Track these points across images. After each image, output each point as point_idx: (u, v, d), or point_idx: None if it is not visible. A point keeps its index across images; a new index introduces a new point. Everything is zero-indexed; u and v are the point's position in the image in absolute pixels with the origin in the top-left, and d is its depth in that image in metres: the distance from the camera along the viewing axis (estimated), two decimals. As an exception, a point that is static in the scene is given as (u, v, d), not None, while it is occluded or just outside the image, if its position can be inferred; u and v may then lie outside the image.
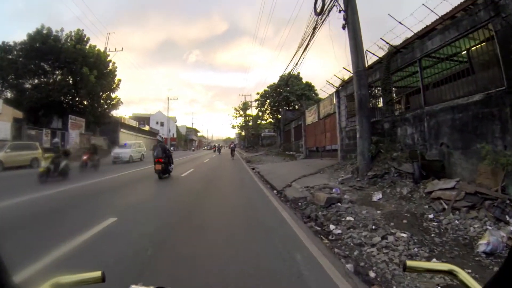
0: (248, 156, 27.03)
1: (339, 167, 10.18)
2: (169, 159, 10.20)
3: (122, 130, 43.88)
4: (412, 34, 7.59)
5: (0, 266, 0.44)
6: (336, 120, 11.69)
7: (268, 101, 27.30)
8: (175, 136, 62.71)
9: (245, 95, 41.95)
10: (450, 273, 0.62)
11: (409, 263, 0.65)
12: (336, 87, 12.03)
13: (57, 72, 25.22)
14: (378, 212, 4.68)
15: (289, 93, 25.09)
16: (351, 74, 8.82)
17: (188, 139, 76.24)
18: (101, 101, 28.56)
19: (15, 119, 20.64)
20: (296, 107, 26.31)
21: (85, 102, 27.24)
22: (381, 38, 8.30)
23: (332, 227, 4.14)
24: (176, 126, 65.39)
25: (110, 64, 29.11)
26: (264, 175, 10.93)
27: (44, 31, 24.69)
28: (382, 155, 7.45)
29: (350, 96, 10.75)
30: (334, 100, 12.40)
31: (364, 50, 8.24)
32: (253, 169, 13.94)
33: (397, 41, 8.16)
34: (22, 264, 2.61)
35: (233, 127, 43.25)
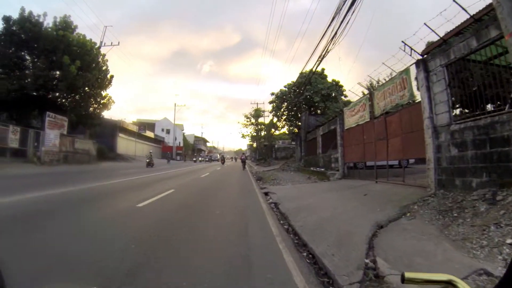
0: (259, 170, 21.67)
1: (451, 207, 4.75)
2: None
3: (120, 135, 39.82)
4: None
5: None
6: (424, 114, 6.33)
7: (285, 104, 22.27)
8: (181, 144, 58.37)
9: (257, 103, 37.06)
10: (449, 283, 0.62)
11: (408, 274, 0.64)
12: (419, 53, 6.77)
13: (35, 61, 21.26)
14: None
15: (312, 93, 19.97)
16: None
17: (196, 148, 71.88)
18: (87, 98, 24.31)
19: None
20: (318, 111, 21.04)
21: (66, 98, 22.98)
22: None
23: None
24: (183, 134, 61.19)
25: (101, 58, 25.08)
26: (287, 212, 5.64)
27: (25, 15, 20.90)
28: None
29: (456, 63, 5.52)
30: (413, 81, 7.11)
31: None
32: (266, 194, 8.67)
33: None
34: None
35: (243, 136, 38.27)
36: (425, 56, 6.64)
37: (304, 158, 18.27)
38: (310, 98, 20.13)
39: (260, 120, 38.06)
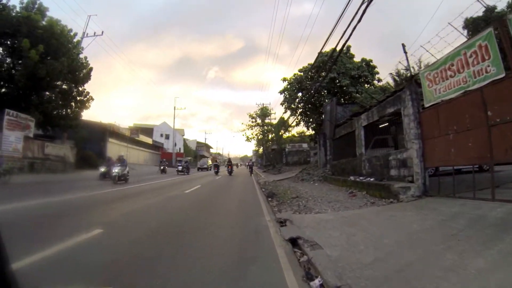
0: (268, 180, 16.57)
1: None
2: None
3: (111, 140, 35.36)
4: None
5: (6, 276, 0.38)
6: None
7: (300, 94, 17.21)
8: (182, 151, 53.71)
9: (263, 103, 32.23)
10: None
11: None
12: None
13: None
14: None
15: (338, 74, 14.92)
16: None
17: (198, 155, 67.14)
18: (57, 93, 19.81)
19: None
20: (342, 99, 15.93)
21: (27, 92, 18.51)
22: None
23: None
24: (184, 140, 56.63)
25: (74, 45, 20.64)
26: None
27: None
28: None
29: None
30: None
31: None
32: (293, 242, 3.73)
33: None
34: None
35: (248, 139, 33.17)
36: None
37: (332, 163, 13.14)
38: (335, 81, 15.06)
39: (267, 121, 33.10)
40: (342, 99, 15.13)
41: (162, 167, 26.68)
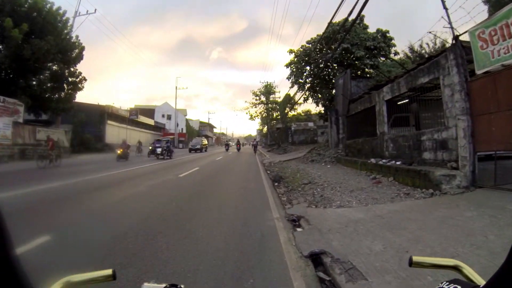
0: (273, 161, 15.52)
1: None
2: None
3: (110, 122, 34.35)
4: None
5: (13, 265, 0.41)
6: None
7: (308, 68, 15.61)
8: (184, 131, 52.72)
9: (266, 81, 30.39)
10: (455, 268, 0.63)
11: (415, 258, 0.66)
12: None
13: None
14: None
15: (352, 45, 13.25)
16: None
17: (201, 135, 66.29)
18: (46, 74, 18.45)
19: None
20: (355, 73, 14.40)
21: (12, 74, 17.22)
22: None
23: None
24: (186, 120, 55.41)
25: (63, 23, 18.88)
26: None
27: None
28: None
29: None
30: None
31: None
32: (314, 259, 2.62)
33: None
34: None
35: (252, 118, 31.69)
36: None
37: (346, 142, 11.92)
38: (348, 53, 13.41)
39: (271, 98, 31.46)
40: (355, 73, 13.57)
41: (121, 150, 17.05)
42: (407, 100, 9.05)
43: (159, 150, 17.79)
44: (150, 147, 20.85)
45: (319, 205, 5.28)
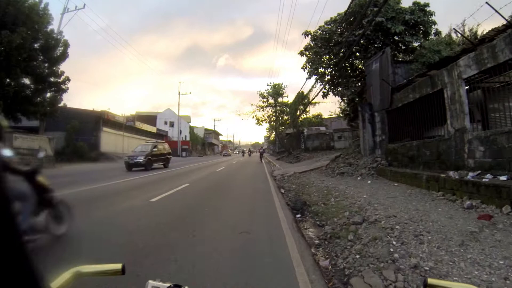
0: (285, 172, 12.32)
1: None
2: None
3: (106, 129, 31.87)
4: None
5: (30, 266, 0.40)
6: None
7: (327, 57, 12.51)
8: (188, 139, 50.01)
9: (273, 83, 27.42)
10: None
11: (430, 280, 0.63)
12: None
13: None
14: None
15: (387, 20, 10.15)
16: None
17: (206, 143, 63.56)
18: (19, 72, 15.89)
19: None
20: (399, 55, 11.24)
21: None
22: None
23: None
24: (190, 127, 52.77)
25: (42, 14, 16.47)
26: None
27: None
28: None
29: None
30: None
31: None
32: None
33: None
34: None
35: (259, 122, 28.49)
36: None
37: (387, 146, 8.65)
38: (381, 31, 10.29)
39: (280, 100, 28.41)
40: (394, 55, 10.41)
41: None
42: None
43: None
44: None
45: None
